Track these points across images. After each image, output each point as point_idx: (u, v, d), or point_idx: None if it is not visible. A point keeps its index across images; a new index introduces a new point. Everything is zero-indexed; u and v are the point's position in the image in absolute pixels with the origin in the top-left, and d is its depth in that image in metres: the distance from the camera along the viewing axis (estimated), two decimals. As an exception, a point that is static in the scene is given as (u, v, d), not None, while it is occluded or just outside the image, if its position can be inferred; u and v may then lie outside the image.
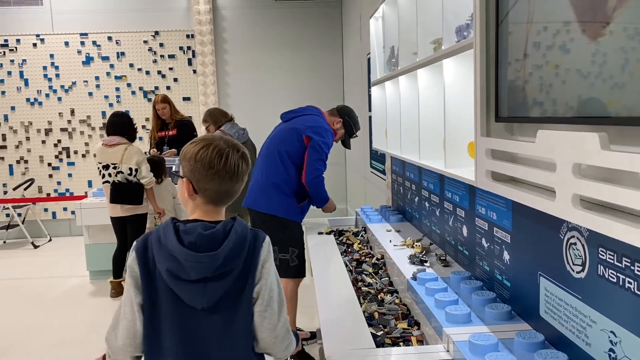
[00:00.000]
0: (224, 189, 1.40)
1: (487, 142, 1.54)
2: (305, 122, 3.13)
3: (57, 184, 7.09)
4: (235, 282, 1.35)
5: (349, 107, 3.43)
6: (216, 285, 1.33)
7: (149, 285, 1.34)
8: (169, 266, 1.31)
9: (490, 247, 1.89)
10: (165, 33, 6.96)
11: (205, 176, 1.37)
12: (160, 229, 1.35)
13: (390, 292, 2.28)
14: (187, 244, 1.31)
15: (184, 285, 1.32)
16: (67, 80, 6.93)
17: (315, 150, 3.03)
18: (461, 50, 1.78)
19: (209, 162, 1.37)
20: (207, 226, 1.35)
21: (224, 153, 1.38)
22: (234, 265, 1.34)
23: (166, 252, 1.32)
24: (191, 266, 1.30)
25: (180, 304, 1.33)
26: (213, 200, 1.41)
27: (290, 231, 3.06)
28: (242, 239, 1.37)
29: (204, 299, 1.33)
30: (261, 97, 6.95)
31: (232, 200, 1.45)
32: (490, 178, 1.54)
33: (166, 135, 5.47)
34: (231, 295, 1.35)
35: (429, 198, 2.68)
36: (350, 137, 3.40)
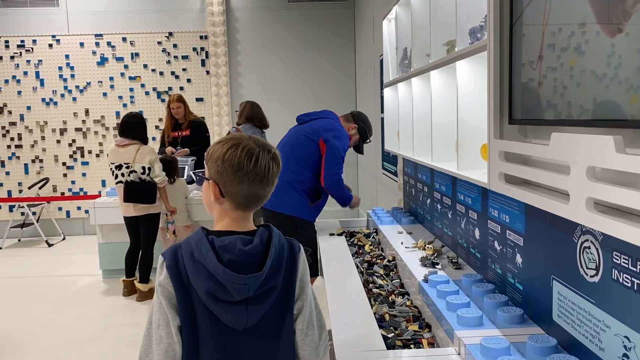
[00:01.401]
0: (253, 192, 1.29)
1: (500, 144, 1.53)
2: (323, 126, 3.17)
3: (72, 183, 7.16)
4: (277, 299, 1.27)
5: (363, 113, 3.47)
6: (259, 305, 1.24)
7: (185, 305, 1.22)
8: (208, 287, 1.20)
9: (502, 250, 1.87)
10: (179, 34, 7.00)
11: (233, 178, 1.26)
12: (193, 243, 1.23)
13: (401, 294, 2.28)
14: (226, 263, 1.20)
15: (225, 306, 1.22)
16: (82, 81, 7.01)
17: (334, 154, 3.07)
18: (475, 52, 1.77)
19: (237, 163, 1.25)
20: (246, 240, 1.25)
21: (254, 153, 1.26)
22: (276, 281, 1.26)
23: (204, 271, 1.20)
24: (234, 287, 1.20)
25: (220, 325, 1.23)
26: (242, 205, 1.30)
27: (303, 230, 3.08)
28: (281, 251, 1.28)
29: (247, 320, 1.23)
30: (273, 98, 6.96)
31: (261, 204, 1.35)
32: (503, 180, 1.53)
33: (179, 136, 5.51)
34: (273, 314, 1.27)
35: (441, 200, 2.67)
36: (364, 142, 3.42)
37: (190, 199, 4.95)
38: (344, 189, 3.16)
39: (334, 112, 3.37)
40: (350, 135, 3.30)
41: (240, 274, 1.20)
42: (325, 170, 3.08)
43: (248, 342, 1.25)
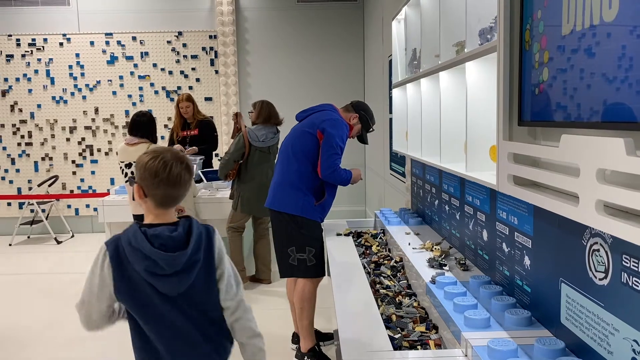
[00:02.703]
0: (168, 194, 1.62)
1: (510, 146, 1.52)
2: (319, 117, 3.11)
3: (81, 181, 7.20)
4: (200, 270, 1.63)
5: (363, 102, 3.39)
6: (186, 275, 1.59)
7: (129, 286, 1.57)
8: (145, 265, 1.54)
9: (510, 252, 1.87)
10: (189, 33, 7.03)
11: (152, 183, 1.60)
12: (130, 234, 1.57)
13: (408, 295, 2.27)
14: (158, 246, 1.55)
15: (161, 279, 1.57)
16: (92, 79, 7.05)
17: (330, 145, 2.99)
18: (484, 54, 1.77)
19: (155, 172, 1.59)
20: (171, 229, 1.60)
21: (169, 164, 1.60)
22: (198, 257, 1.61)
23: (140, 254, 1.54)
24: (166, 264, 1.55)
25: (159, 294, 1.58)
26: (161, 204, 1.63)
27: (306, 230, 3.06)
28: (200, 235, 1.63)
29: (179, 287, 1.59)
30: (282, 98, 6.94)
31: (178, 203, 1.66)
32: (512, 182, 1.53)
33: (188, 135, 5.53)
34: (199, 280, 1.63)
35: (449, 201, 2.66)
36: (367, 131, 3.34)
37: (197, 197, 4.97)
38: (341, 176, 3.04)
39: (333, 104, 3.32)
40: (352, 125, 3.23)
41: (170, 253, 1.55)
42: (322, 161, 3.00)
43: (184, 303, 1.62)
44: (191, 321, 1.64)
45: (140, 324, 1.62)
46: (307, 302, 3.07)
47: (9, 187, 7.18)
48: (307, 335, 3.12)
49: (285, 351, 3.45)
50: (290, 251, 3.04)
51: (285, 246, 3.07)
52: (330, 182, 3.08)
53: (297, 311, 3.11)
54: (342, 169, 3.06)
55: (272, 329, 3.81)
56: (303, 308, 3.07)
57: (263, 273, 4.80)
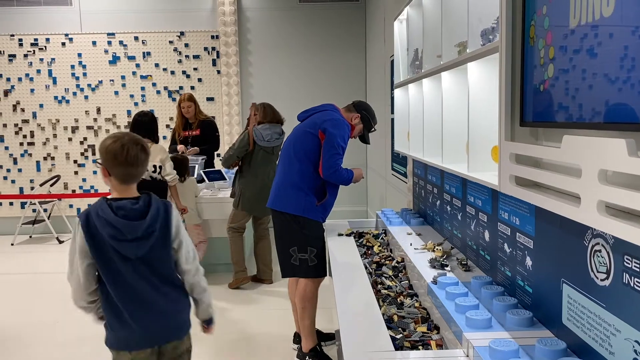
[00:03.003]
0: (128, 172, 1.90)
1: (512, 146, 1.52)
2: (321, 117, 3.11)
3: (82, 181, 7.22)
4: (157, 238, 1.92)
5: (364, 102, 3.39)
6: (145, 241, 1.89)
7: (96, 248, 1.86)
8: (109, 232, 1.84)
9: (512, 253, 1.87)
10: (191, 34, 7.04)
11: (113, 164, 1.88)
12: (97, 206, 1.87)
13: (410, 295, 2.28)
14: (121, 216, 1.85)
15: (123, 243, 1.86)
16: (94, 79, 7.06)
17: (332, 145, 2.99)
18: (486, 54, 1.77)
19: (115, 153, 1.87)
20: (133, 202, 1.91)
21: (126, 146, 1.87)
22: (154, 227, 1.91)
23: (106, 222, 1.84)
24: (127, 230, 1.85)
25: (123, 256, 1.88)
26: (123, 181, 1.91)
27: (308, 230, 3.06)
28: (158, 209, 1.93)
29: (137, 251, 1.89)
30: (284, 99, 6.96)
31: (138, 180, 1.94)
32: (514, 183, 1.53)
33: (190, 135, 5.53)
34: (156, 247, 1.93)
35: (450, 202, 2.66)
36: (369, 131, 3.34)
37: (200, 197, 4.97)
38: (342, 176, 3.05)
39: (334, 104, 3.31)
40: (354, 125, 3.22)
41: (131, 221, 1.86)
42: (323, 161, 3.00)
43: (142, 265, 1.92)
44: (149, 283, 1.93)
45: (107, 286, 1.90)
46: (309, 302, 3.07)
47: (11, 187, 7.19)
48: (308, 335, 3.12)
49: (286, 351, 3.45)
50: (292, 251, 3.04)
51: (287, 246, 3.07)
52: (332, 182, 3.08)
53: (299, 311, 3.12)
54: (344, 169, 3.06)
55: (273, 328, 3.82)
56: (304, 308, 3.07)
57: (264, 273, 4.80)
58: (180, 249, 1.99)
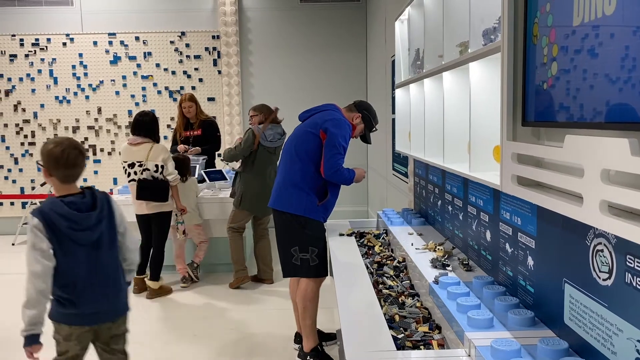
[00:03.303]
0: (68, 173, 2.16)
1: (513, 146, 1.52)
2: (322, 117, 3.10)
3: (83, 181, 7.21)
4: (106, 225, 2.21)
5: (366, 101, 3.39)
6: (96, 229, 2.18)
7: (56, 238, 2.10)
8: (66, 224, 2.10)
9: (514, 252, 1.87)
10: (192, 34, 7.04)
11: (54, 166, 2.13)
12: (50, 204, 2.12)
13: (411, 295, 2.28)
14: (74, 209, 2.13)
15: (78, 232, 2.13)
16: (95, 79, 7.06)
17: (333, 145, 2.99)
18: (488, 54, 1.77)
19: (55, 157, 2.12)
20: (80, 197, 2.19)
21: (65, 150, 2.12)
22: (103, 215, 2.20)
23: (62, 216, 2.10)
24: (81, 221, 2.14)
25: (78, 243, 2.14)
26: (63, 181, 2.17)
27: (309, 230, 3.05)
28: (102, 200, 2.23)
29: (91, 237, 2.16)
30: (285, 99, 6.96)
31: (77, 179, 2.20)
32: (516, 183, 1.53)
33: (191, 135, 5.53)
34: (106, 233, 2.21)
35: (452, 202, 2.66)
36: (370, 131, 3.33)
37: (200, 197, 4.97)
38: (344, 175, 3.04)
39: (335, 104, 3.30)
40: (355, 125, 3.22)
41: (83, 213, 2.15)
42: (325, 161, 3.00)
43: (96, 250, 2.19)
44: (99, 266, 2.20)
45: (62, 266, 2.13)
46: (310, 301, 3.07)
47: (12, 187, 7.19)
48: (309, 334, 3.12)
49: (287, 351, 3.45)
50: (294, 251, 3.04)
51: (288, 246, 3.07)
52: (334, 182, 3.07)
53: (300, 311, 3.12)
54: (345, 169, 3.06)
55: (274, 328, 3.82)
56: (306, 308, 3.07)
57: (265, 273, 4.80)
58: (125, 232, 2.31)
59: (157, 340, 3.68)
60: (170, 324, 3.99)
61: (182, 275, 4.80)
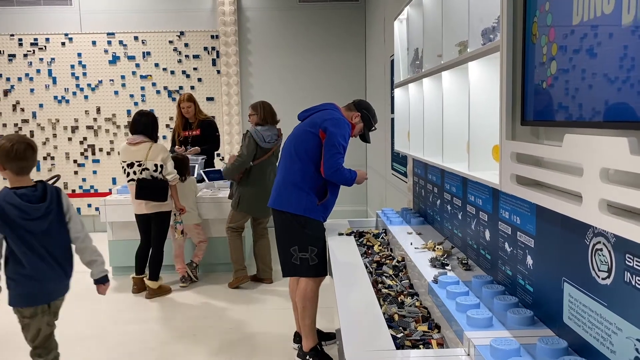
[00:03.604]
0: (20, 166, 2.44)
1: (513, 145, 1.53)
2: (321, 116, 3.10)
3: (82, 181, 7.22)
4: (55, 214, 2.51)
5: (365, 100, 3.38)
6: (46, 218, 2.48)
7: (9, 227, 2.40)
8: (18, 214, 2.40)
9: (513, 252, 1.87)
10: (191, 33, 7.04)
11: (6, 160, 2.42)
12: (4, 195, 2.41)
13: (410, 294, 2.28)
14: (26, 200, 2.42)
15: (29, 222, 2.43)
16: (94, 79, 7.06)
17: (332, 144, 2.98)
18: (487, 53, 1.77)
19: (6, 151, 2.40)
20: (32, 189, 2.48)
21: (15, 145, 2.41)
22: (52, 206, 2.50)
23: (14, 207, 2.40)
24: (32, 212, 2.43)
25: (30, 232, 2.44)
26: (17, 173, 2.46)
27: (309, 229, 3.06)
28: (52, 192, 2.52)
29: (41, 226, 2.46)
30: (284, 98, 6.97)
31: (29, 171, 2.49)
32: (515, 182, 1.53)
33: (190, 135, 5.53)
34: (55, 222, 2.52)
35: (451, 201, 2.67)
36: (369, 130, 3.33)
37: (199, 197, 4.97)
38: (344, 175, 3.04)
39: (335, 103, 3.30)
40: (354, 124, 3.22)
41: (34, 204, 2.44)
42: (325, 160, 2.99)
43: (47, 237, 2.50)
44: (49, 251, 2.50)
45: (19, 255, 2.44)
46: (309, 301, 3.07)
47: (11, 187, 7.18)
48: (309, 334, 3.12)
49: (287, 351, 3.45)
50: (293, 250, 3.04)
51: (288, 245, 3.07)
52: (334, 182, 3.07)
53: (299, 310, 3.12)
54: (346, 169, 3.06)
55: (273, 328, 3.82)
56: (305, 307, 3.07)
57: (264, 273, 4.80)
58: (70, 221, 2.59)
59: (156, 340, 3.68)
60: (170, 324, 4.00)
61: (182, 275, 4.80)
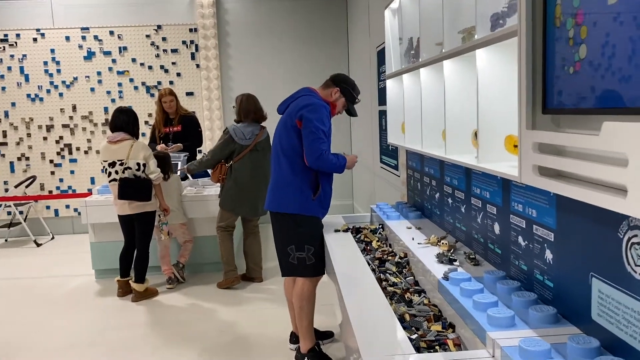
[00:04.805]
0: None
1: (534, 135, 1.45)
2: (297, 105, 2.96)
3: (59, 181, 6.99)
4: None
5: (342, 74, 3.23)
6: None
7: None
8: None
9: (528, 246, 1.80)
10: (168, 27, 6.85)
11: None
12: None
13: (417, 292, 2.20)
14: None
15: None
16: (69, 76, 6.82)
17: (310, 131, 2.84)
18: (502, 39, 1.68)
19: None
20: None
21: None
22: None
23: None
24: None
25: None
26: None
27: (305, 228, 2.95)
28: None
29: None
30: (265, 92, 6.81)
31: None
32: (538, 173, 1.45)
33: (171, 131, 5.37)
34: None
35: (452, 194, 2.59)
36: (353, 103, 3.17)
37: (184, 195, 4.83)
38: (331, 162, 2.88)
39: (311, 87, 3.14)
40: (335, 101, 3.07)
41: None
42: (305, 149, 2.85)
43: None
44: None
45: None
46: (307, 301, 2.97)
47: (-16, 189, 6.93)
48: (306, 335, 3.02)
49: (284, 352, 3.35)
50: (290, 250, 2.94)
51: (285, 245, 2.97)
52: (323, 170, 2.96)
53: (296, 311, 3.02)
54: (332, 154, 2.93)
55: (268, 329, 3.71)
56: (302, 308, 2.97)
57: (254, 271, 4.69)
58: None
59: (146, 344, 3.55)
60: (159, 328, 3.86)
61: (168, 277, 4.65)
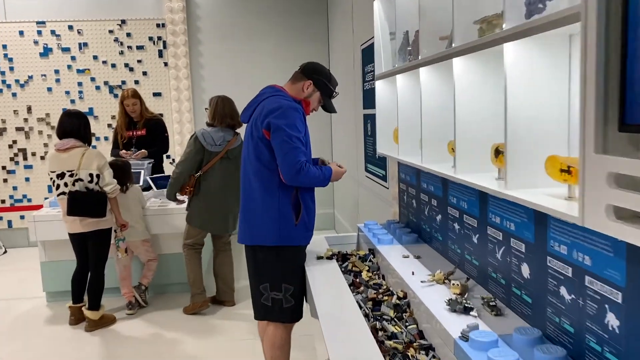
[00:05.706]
0: None
1: (607, 162, 1.01)
2: (260, 112, 2.44)
3: (13, 189, 6.38)
4: None
5: (313, 63, 2.72)
6: None
7: None
8: None
9: (577, 302, 1.37)
10: (133, 22, 6.30)
11: None
12: None
13: (423, 347, 1.76)
14: None
15: None
16: (23, 74, 6.23)
17: (281, 140, 2.33)
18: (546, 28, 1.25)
19: None
20: None
21: None
22: None
23: None
24: None
25: None
26: None
27: (285, 262, 2.46)
28: None
29: None
30: (239, 92, 6.27)
31: None
32: (614, 216, 1.02)
33: (134, 136, 4.86)
34: None
35: (459, 219, 2.16)
36: (329, 97, 2.65)
37: (147, 209, 4.31)
38: (314, 175, 2.39)
39: (276, 84, 2.64)
40: (307, 97, 2.56)
41: None
42: (280, 163, 2.35)
43: None
44: None
45: None
46: (279, 349, 2.47)
47: None
48: (282, 384, 2.53)
49: (257, 397, 2.88)
50: (263, 289, 2.43)
51: (258, 282, 2.47)
52: (305, 186, 2.46)
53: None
54: (313, 166, 2.43)
55: (240, 367, 3.23)
56: (274, 357, 2.48)
57: (225, 294, 4.18)
58: None
59: (96, 388, 3.04)
60: (114, 364, 3.35)
61: (128, 301, 4.13)
